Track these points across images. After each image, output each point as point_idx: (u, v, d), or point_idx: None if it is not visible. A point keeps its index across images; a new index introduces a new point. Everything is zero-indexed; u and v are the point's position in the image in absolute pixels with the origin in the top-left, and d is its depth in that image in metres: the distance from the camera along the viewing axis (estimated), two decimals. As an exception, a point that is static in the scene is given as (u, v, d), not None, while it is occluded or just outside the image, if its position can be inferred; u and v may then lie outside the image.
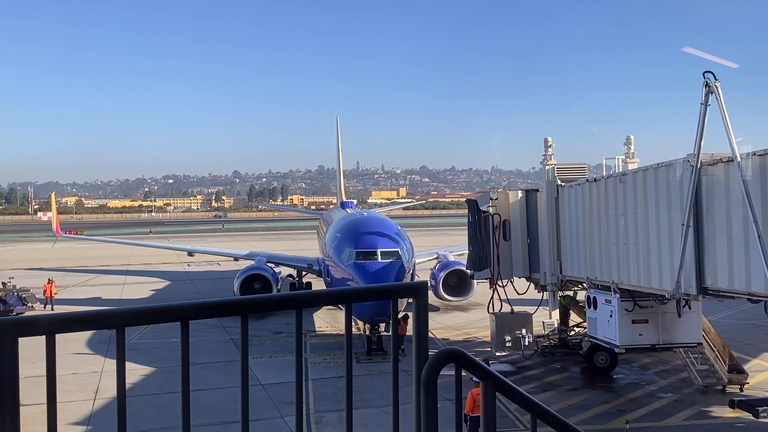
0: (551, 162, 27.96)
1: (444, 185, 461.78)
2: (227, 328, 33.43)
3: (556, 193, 27.28)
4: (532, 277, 29.06)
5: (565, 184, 26.93)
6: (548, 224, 27.35)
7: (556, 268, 27.09)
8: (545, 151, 28.25)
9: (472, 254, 30.40)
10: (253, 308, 3.02)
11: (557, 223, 27.18)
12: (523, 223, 28.73)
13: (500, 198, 28.91)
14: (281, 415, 20.81)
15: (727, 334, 31.59)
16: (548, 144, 28.35)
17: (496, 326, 28.01)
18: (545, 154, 28.17)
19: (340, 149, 71.37)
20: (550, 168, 27.78)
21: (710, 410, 21.45)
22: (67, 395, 22.70)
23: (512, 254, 28.65)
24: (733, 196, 17.38)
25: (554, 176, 27.50)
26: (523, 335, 27.40)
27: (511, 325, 27.78)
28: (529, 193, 29.22)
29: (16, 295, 39.61)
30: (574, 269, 26.03)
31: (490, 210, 28.59)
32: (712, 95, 17.90)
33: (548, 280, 27.46)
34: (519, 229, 28.70)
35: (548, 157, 28.09)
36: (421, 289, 3.39)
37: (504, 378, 3.59)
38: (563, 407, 21.39)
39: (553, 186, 27.39)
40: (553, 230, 27.17)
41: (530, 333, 27.75)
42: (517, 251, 28.67)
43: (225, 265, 61.13)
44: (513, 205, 28.85)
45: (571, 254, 26.19)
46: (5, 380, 2.38)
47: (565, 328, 29.37)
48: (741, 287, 17.15)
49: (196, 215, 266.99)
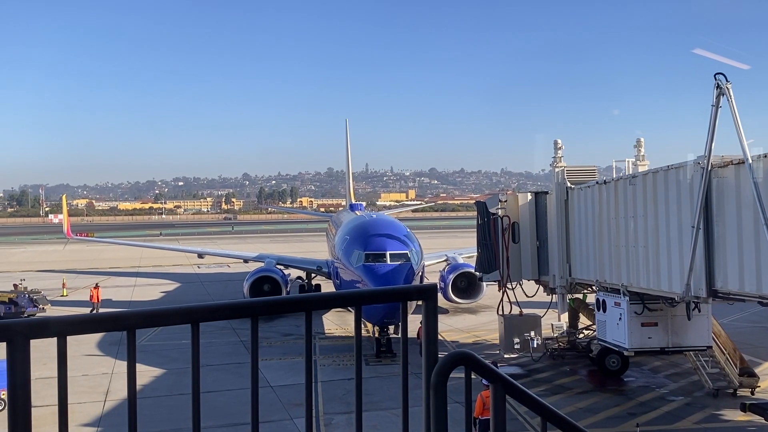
0: (561, 164, 27.88)
1: (453, 187, 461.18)
2: (237, 330, 33.50)
3: (565, 195, 27.20)
4: (541, 280, 28.97)
5: (575, 186, 26.86)
6: (557, 227, 27.27)
7: (566, 270, 26.99)
8: (555, 153, 28.18)
9: (480, 256, 30.35)
10: (263, 310, 3.03)
11: (566, 225, 27.10)
12: (533, 225, 28.65)
13: (509, 200, 28.85)
14: (291, 417, 20.83)
15: (740, 337, 31.40)
16: (558, 146, 28.27)
17: (505, 328, 27.94)
18: (555, 156, 28.10)
19: (349, 151, 71.48)
20: (559, 170, 27.70)
21: (721, 414, 21.32)
22: (78, 397, 22.80)
23: (521, 257, 28.57)
24: (744, 198, 17.29)
25: (564, 178, 27.42)
26: (532, 338, 27.34)
27: (520, 327, 27.71)
28: (539, 195, 29.14)
29: (27, 297, 39.83)
30: (584, 272, 25.94)
31: (499, 212, 28.54)
32: (723, 97, 17.81)
33: (557, 282, 27.37)
34: (528, 232, 28.61)
35: (558, 160, 28.01)
36: (431, 291, 3.39)
37: (514, 381, 3.58)
38: (573, 410, 21.31)
39: (562, 188, 27.31)
40: (562, 233, 27.09)
41: (539, 335, 27.67)
42: (526, 254, 28.59)
43: (235, 267, 61.30)
44: (522, 208, 28.77)
45: (581, 257, 26.10)
46: (17, 382, 2.39)
47: (574, 331, 29.28)
48: (752, 290, 17.04)
49: (206, 217, 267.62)
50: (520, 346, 27.38)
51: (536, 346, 27.34)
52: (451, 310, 40.09)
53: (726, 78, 17.72)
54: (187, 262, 70.06)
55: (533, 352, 27.54)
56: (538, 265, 28.62)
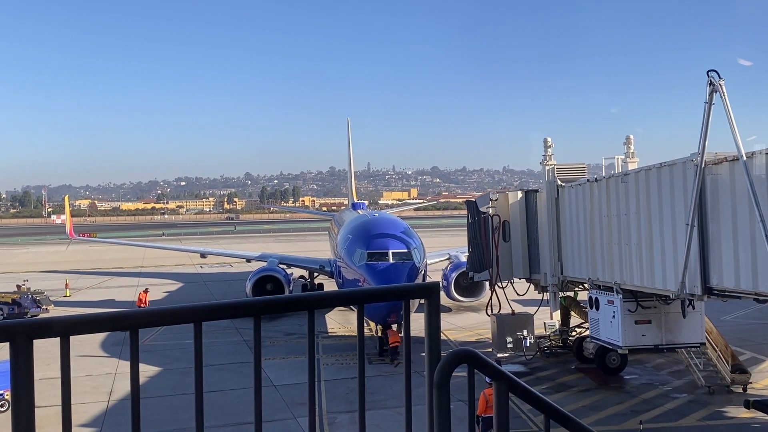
0: (551, 162, 27.87)
1: (455, 186, 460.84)
2: (240, 330, 33.53)
3: (556, 193, 27.18)
4: (532, 278, 28.94)
5: (566, 184, 26.83)
6: (549, 225, 27.22)
7: (557, 268, 26.95)
8: (545, 151, 28.17)
9: (471, 255, 30.37)
10: (266, 310, 3.03)
11: (558, 223, 27.07)
12: (523, 224, 28.62)
13: (500, 199, 28.84)
14: (294, 416, 20.85)
15: (742, 333, 31.41)
16: (548, 144, 28.26)
17: (497, 327, 27.92)
18: (545, 155, 28.08)
19: (351, 150, 71.46)
20: (549, 168, 27.70)
21: (725, 411, 21.30)
22: (82, 397, 22.84)
23: (512, 255, 28.56)
24: (739, 195, 17.23)
25: (554, 176, 27.41)
26: (525, 336, 27.31)
27: (513, 326, 27.67)
28: (529, 193, 29.12)
29: (30, 298, 39.91)
30: (576, 270, 25.91)
31: (489, 211, 28.51)
32: (716, 94, 17.77)
33: (549, 281, 27.33)
34: (519, 230, 28.58)
35: (548, 158, 27.99)
36: (434, 289, 3.38)
37: (517, 378, 3.58)
38: (577, 408, 21.30)
39: (553, 186, 27.29)
40: (553, 231, 27.04)
41: (531, 334, 27.66)
42: (517, 252, 28.57)
43: (237, 267, 61.34)
44: (513, 206, 28.73)
45: (572, 255, 26.06)
46: (21, 382, 2.40)
47: (566, 329, 29.28)
48: (747, 287, 17.00)
49: (209, 217, 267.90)
50: (513, 345, 27.37)
51: (529, 345, 27.33)
52: (454, 308, 40.10)
53: (719, 75, 17.66)
54: (190, 262, 70.11)
55: (526, 351, 27.55)
56: (529, 263, 28.60)
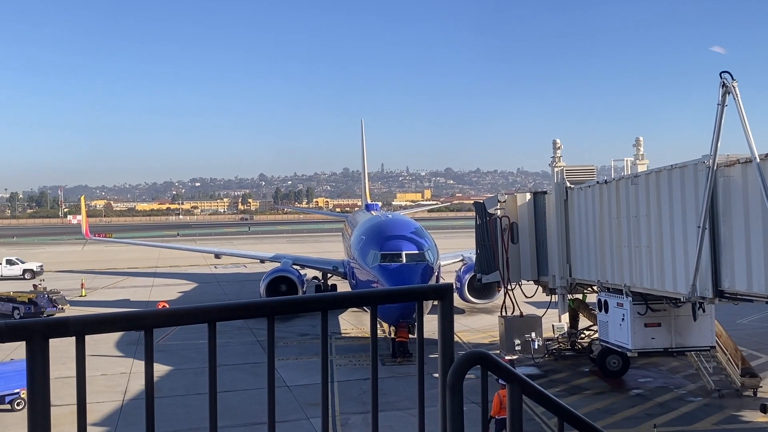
0: (560, 164, 27.76)
1: (469, 187, 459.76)
2: (254, 330, 33.63)
3: (565, 195, 27.05)
4: (541, 280, 28.83)
5: (575, 186, 26.70)
6: (557, 227, 27.11)
7: (566, 271, 26.82)
8: (554, 153, 28.08)
9: (480, 257, 30.31)
10: (280, 310, 3.03)
11: (566, 225, 26.93)
12: (532, 225, 28.52)
13: (508, 201, 28.77)
14: (307, 417, 20.89)
15: (758, 337, 31.12)
16: (557, 146, 28.17)
17: (505, 329, 27.85)
18: (554, 156, 28.00)
19: (364, 152, 71.46)
20: (558, 170, 27.61)
21: (741, 414, 21.12)
22: (97, 396, 23.00)
23: (520, 257, 28.48)
24: (752, 197, 17.07)
25: (563, 178, 27.31)
26: (533, 338, 27.21)
27: (521, 328, 27.60)
28: (537, 195, 29.03)
29: (46, 297, 40.25)
30: (584, 272, 25.77)
31: (498, 213, 28.43)
32: (729, 95, 17.63)
33: (557, 283, 27.22)
34: (527, 232, 28.50)
35: (557, 159, 27.89)
36: (447, 291, 3.37)
37: (531, 381, 3.56)
38: (591, 411, 21.20)
39: (562, 188, 27.17)
40: (562, 233, 26.92)
41: (540, 336, 27.54)
42: (525, 254, 28.47)
43: (251, 268, 61.54)
44: (521, 208, 28.65)
45: (581, 257, 25.93)
46: (36, 381, 2.41)
47: (574, 332, 29.13)
48: (761, 290, 16.84)
49: (223, 218, 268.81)
50: (521, 347, 27.26)
51: (537, 348, 27.22)
52: (467, 310, 40.00)
53: (732, 76, 17.52)
54: (204, 262, 70.40)
55: (534, 354, 27.43)
56: (538, 265, 28.48)
